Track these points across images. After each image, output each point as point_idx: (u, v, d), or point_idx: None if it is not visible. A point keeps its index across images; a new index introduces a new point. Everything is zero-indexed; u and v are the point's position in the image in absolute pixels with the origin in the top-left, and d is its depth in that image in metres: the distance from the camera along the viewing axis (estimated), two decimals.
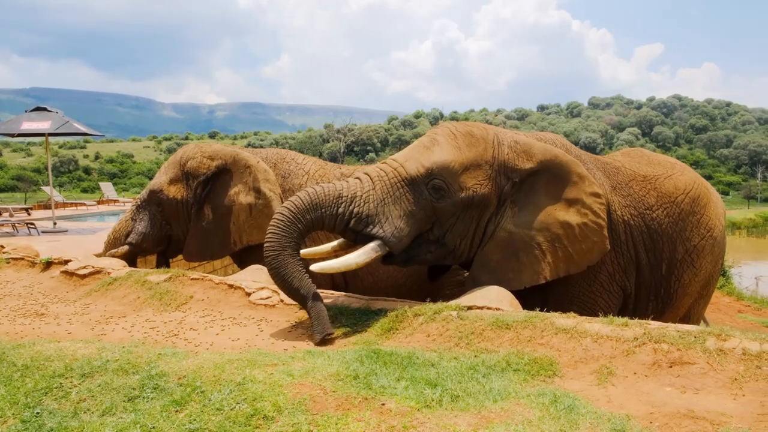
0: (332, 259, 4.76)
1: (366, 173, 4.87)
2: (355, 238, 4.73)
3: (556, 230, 4.96)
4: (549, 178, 5.04)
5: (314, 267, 4.56)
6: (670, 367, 3.26)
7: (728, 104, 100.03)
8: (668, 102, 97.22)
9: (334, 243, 4.91)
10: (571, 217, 4.98)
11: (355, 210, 4.62)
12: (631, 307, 5.60)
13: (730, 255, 18.73)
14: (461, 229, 4.92)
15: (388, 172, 4.81)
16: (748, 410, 2.81)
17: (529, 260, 4.95)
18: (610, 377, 3.27)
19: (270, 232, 4.47)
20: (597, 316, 4.06)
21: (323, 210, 4.57)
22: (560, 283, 5.11)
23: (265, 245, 4.47)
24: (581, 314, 4.04)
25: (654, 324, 3.66)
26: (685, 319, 6.12)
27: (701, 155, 79.62)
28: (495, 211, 4.98)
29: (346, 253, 4.77)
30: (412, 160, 4.87)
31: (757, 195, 67.86)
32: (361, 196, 4.67)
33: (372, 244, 4.62)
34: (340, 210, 4.61)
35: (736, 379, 3.09)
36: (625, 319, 3.74)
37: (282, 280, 4.41)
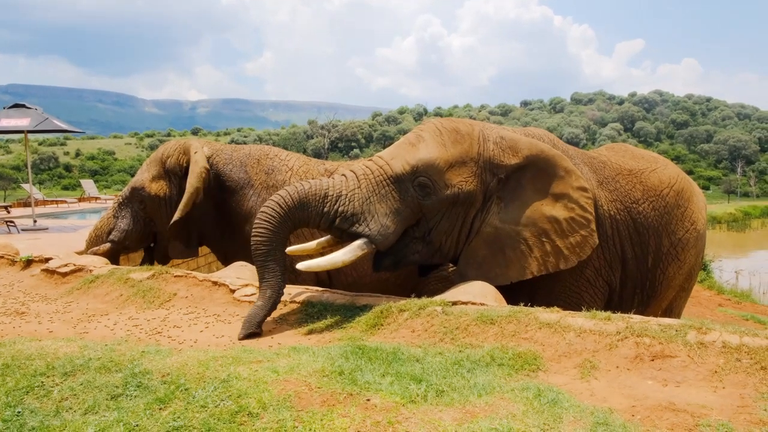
0: (318, 256, 4.76)
1: (352, 171, 4.87)
2: (341, 236, 4.75)
3: (543, 225, 4.97)
4: (535, 173, 5.05)
5: (300, 265, 4.60)
6: (652, 360, 3.30)
7: (708, 100, 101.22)
8: (649, 97, 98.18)
9: (321, 240, 4.91)
10: (558, 211, 4.99)
11: (341, 209, 4.63)
12: (617, 300, 5.64)
13: (711, 249, 18.99)
14: (447, 226, 4.93)
15: (374, 170, 4.81)
16: (728, 402, 2.85)
17: (516, 255, 4.96)
18: (593, 371, 3.30)
19: (259, 227, 4.48)
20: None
21: (310, 208, 4.59)
22: (547, 278, 5.12)
23: (253, 238, 4.50)
24: (567, 309, 4.05)
25: (636, 318, 3.71)
26: (667, 312, 6.21)
27: (682, 150, 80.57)
28: (481, 208, 4.99)
29: (332, 250, 4.77)
30: (398, 157, 4.87)
31: (737, 189, 68.87)
32: (347, 194, 4.68)
33: (358, 242, 4.65)
34: (326, 209, 4.62)
35: (716, 371, 3.14)
36: (608, 314, 3.78)
37: (259, 276, 4.53)
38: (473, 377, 3.14)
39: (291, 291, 5.05)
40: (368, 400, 2.79)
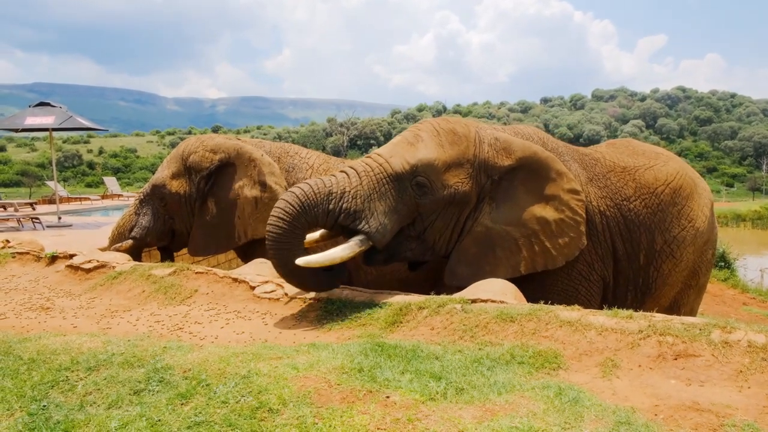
0: (317, 251, 4.89)
1: (352, 168, 4.98)
2: (342, 232, 4.90)
3: (533, 226, 5.10)
4: (527, 175, 5.17)
5: (299, 261, 4.62)
6: (675, 359, 3.26)
7: (733, 96, 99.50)
8: (672, 94, 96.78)
9: (315, 234, 5.09)
10: (549, 213, 5.11)
11: (345, 206, 4.74)
12: (610, 297, 5.66)
13: (735, 247, 18.69)
14: (441, 225, 5.06)
15: (374, 168, 4.91)
16: (754, 402, 2.81)
17: (505, 254, 5.11)
18: (614, 370, 3.27)
19: (273, 236, 4.58)
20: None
21: (318, 208, 4.69)
22: (537, 273, 5.20)
23: (269, 247, 4.63)
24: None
25: (659, 317, 3.66)
26: (672, 310, 6.12)
27: (706, 147, 79.33)
28: (474, 208, 5.13)
29: (333, 244, 4.94)
30: (397, 156, 4.97)
31: (762, 187, 67.63)
32: (350, 191, 4.78)
33: (356, 239, 4.77)
34: (331, 206, 4.73)
35: (741, 371, 3.09)
36: (630, 312, 3.74)
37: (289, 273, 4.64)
38: (493, 375, 3.12)
39: None
40: (388, 397, 2.79)
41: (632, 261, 5.64)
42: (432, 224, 5.02)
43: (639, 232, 5.59)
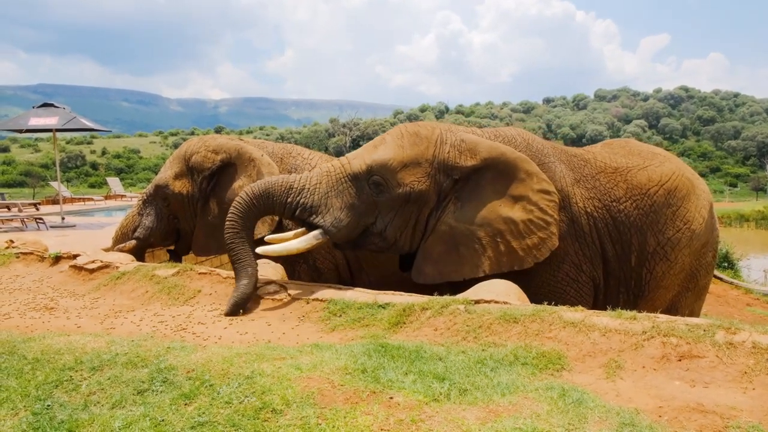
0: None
1: (319, 168, 5.38)
2: (302, 225, 5.29)
3: (498, 226, 5.13)
4: (495, 175, 5.22)
5: (259, 250, 5.15)
6: (679, 360, 3.25)
7: (736, 95, 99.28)
8: (675, 93, 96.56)
9: (298, 230, 5.36)
10: (516, 213, 5.14)
11: (302, 201, 5.15)
12: (602, 298, 5.63)
13: (738, 247, 18.63)
14: (400, 222, 5.20)
15: (336, 168, 5.26)
16: (759, 404, 2.80)
17: (469, 253, 5.16)
18: (618, 371, 3.26)
19: (229, 217, 5.09)
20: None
21: (274, 198, 5.14)
22: (523, 275, 5.14)
23: (225, 227, 5.11)
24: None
25: (662, 317, 3.66)
26: (669, 313, 6.06)
27: (709, 147, 79.17)
28: (436, 206, 5.22)
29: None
30: (359, 158, 5.28)
31: (765, 187, 67.41)
32: (309, 188, 5.18)
33: (314, 232, 5.14)
34: (289, 200, 5.16)
35: (746, 372, 3.08)
36: (634, 313, 3.73)
37: (233, 258, 5.05)
38: (497, 376, 3.12)
39: (313, 289, 5.08)
40: (391, 398, 2.79)
41: (623, 263, 5.61)
42: (392, 221, 5.19)
43: (630, 233, 5.56)
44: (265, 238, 5.46)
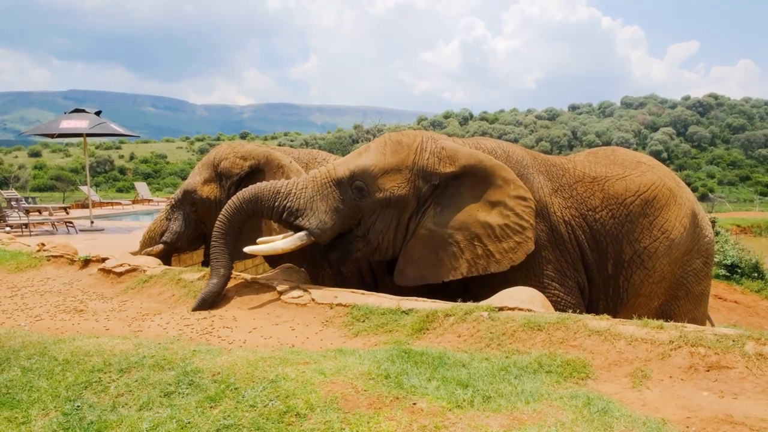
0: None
1: (305, 174, 5.66)
2: (289, 228, 5.52)
3: (476, 229, 5.31)
4: (473, 182, 5.41)
5: (246, 249, 5.47)
6: (708, 371, 3.20)
7: (767, 102, 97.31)
8: (704, 101, 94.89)
9: (289, 233, 5.57)
10: (493, 218, 5.32)
11: (288, 204, 5.40)
12: (585, 304, 5.68)
13: None
14: (382, 226, 5.43)
15: (323, 173, 5.52)
16: None
17: (447, 256, 5.33)
18: (644, 380, 3.22)
19: (218, 219, 5.42)
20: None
21: (262, 202, 5.40)
22: (504, 282, 5.09)
23: (214, 228, 5.43)
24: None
25: (690, 327, 3.60)
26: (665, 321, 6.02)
27: (738, 155, 77.61)
28: (416, 211, 5.44)
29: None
30: (344, 164, 5.54)
31: None
32: (295, 192, 5.44)
33: (299, 234, 5.38)
34: (276, 203, 5.42)
35: None
36: (660, 322, 3.69)
37: (212, 257, 5.37)
38: (520, 384, 3.10)
39: (337, 294, 5.10)
40: (414, 404, 2.79)
41: (601, 270, 5.72)
42: (373, 225, 5.42)
43: (606, 242, 5.65)
44: (257, 240, 5.76)
